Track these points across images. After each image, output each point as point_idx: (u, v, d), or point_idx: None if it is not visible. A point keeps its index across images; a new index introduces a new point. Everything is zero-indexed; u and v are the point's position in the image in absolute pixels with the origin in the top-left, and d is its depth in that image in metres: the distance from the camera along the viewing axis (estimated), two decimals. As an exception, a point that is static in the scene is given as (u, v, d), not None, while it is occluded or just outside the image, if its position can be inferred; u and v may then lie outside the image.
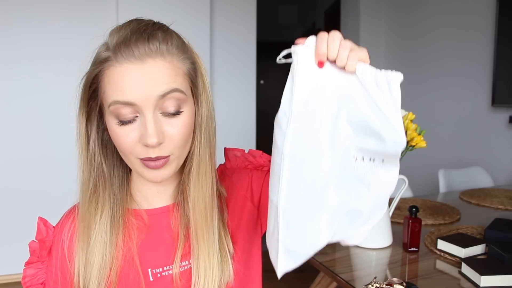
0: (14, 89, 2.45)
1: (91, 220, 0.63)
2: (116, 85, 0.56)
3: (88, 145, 0.63)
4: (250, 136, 3.01)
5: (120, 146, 0.59)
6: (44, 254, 0.68)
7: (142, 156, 0.58)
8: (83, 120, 0.62)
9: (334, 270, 1.07)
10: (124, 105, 0.56)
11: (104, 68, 0.57)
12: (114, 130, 0.58)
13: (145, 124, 0.56)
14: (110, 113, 0.58)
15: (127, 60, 0.55)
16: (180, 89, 0.58)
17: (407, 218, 1.17)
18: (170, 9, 2.60)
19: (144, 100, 0.55)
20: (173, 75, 0.57)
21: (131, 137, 0.57)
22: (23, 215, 2.48)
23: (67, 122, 2.69)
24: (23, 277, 0.68)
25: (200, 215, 0.64)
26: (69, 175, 2.79)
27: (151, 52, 0.56)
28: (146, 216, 0.67)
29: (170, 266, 0.65)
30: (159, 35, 0.58)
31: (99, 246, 0.62)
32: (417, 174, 2.76)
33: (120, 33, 0.57)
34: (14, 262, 2.49)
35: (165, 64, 0.57)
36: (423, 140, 1.15)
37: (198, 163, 0.63)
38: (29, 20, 2.44)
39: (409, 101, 3.15)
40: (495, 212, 1.56)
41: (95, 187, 0.64)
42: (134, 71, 0.55)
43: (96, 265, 0.62)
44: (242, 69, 2.98)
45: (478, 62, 2.46)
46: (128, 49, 0.55)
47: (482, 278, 0.94)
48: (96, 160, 0.64)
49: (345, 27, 3.83)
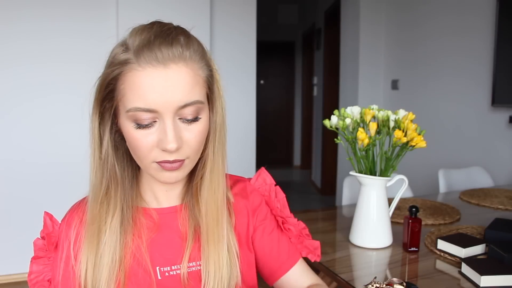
0: (14, 88, 2.45)
1: (102, 223, 0.63)
2: (137, 91, 0.56)
3: (101, 147, 0.63)
4: (250, 136, 3.01)
5: (136, 149, 0.59)
6: (51, 248, 0.68)
7: (159, 159, 0.59)
8: (96, 120, 0.62)
9: (334, 270, 1.07)
10: (145, 112, 0.56)
11: (125, 71, 0.57)
12: (131, 133, 0.58)
13: (164, 130, 0.57)
14: (128, 117, 0.58)
15: (150, 64, 0.55)
16: (200, 100, 0.59)
17: (407, 218, 1.17)
18: (170, 9, 2.60)
19: (165, 107, 0.56)
20: (194, 83, 0.58)
21: (148, 141, 0.58)
22: (23, 216, 2.48)
23: (67, 120, 2.69)
24: (29, 273, 0.68)
25: (212, 218, 0.65)
26: (69, 175, 2.80)
27: (174, 57, 0.56)
28: (156, 214, 0.68)
29: (178, 265, 0.66)
30: (182, 40, 0.58)
31: (109, 247, 0.62)
32: (417, 174, 2.76)
33: (143, 36, 0.57)
34: (14, 262, 2.49)
35: (187, 70, 0.57)
36: (423, 140, 1.15)
37: (212, 167, 0.65)
38: (29, 19, 2.44)
39: (409, 101, 3.15)
40: (495, 212, 1.56)
41: (107, 189, 0.64)
42: (156, 77, 0.55)
43: (106, 267, 0.62)
44: (242, 69, 2.98)
45: (478, 62, 2.46)
46: (151, 52, 0.55)
47: (482, 278, 0.94)
48: (109, 162, 0.64)
49: (345, 27, 3.83)
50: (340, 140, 1.22)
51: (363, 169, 1.19)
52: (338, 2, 4.02)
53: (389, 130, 1.16)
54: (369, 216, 1.19)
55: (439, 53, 2.81)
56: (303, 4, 6.20)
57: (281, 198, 0.78)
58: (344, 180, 1.80)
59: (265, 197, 0.78)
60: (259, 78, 5.97)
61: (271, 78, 6.57)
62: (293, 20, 6.31)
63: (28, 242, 2.66)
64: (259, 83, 6.18)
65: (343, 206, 1.71)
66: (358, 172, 1.19)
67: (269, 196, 0.78)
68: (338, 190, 3.98)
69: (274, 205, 0.77)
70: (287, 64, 6.60)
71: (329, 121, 1.21)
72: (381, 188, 1.18)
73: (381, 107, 1.22)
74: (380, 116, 1.17)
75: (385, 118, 1.16)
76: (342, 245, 1.24)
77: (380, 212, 1.18)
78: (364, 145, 1.15)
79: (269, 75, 6.53)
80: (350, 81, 3.70)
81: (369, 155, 1.17)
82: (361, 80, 3.51)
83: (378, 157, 1.18)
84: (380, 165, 1.18)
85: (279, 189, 0.79)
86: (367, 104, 2.12)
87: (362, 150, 1.17)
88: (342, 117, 1.19)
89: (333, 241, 1.28)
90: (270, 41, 6.26)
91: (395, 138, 1.13)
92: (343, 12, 3.86)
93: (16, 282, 2.49)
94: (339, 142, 1.22)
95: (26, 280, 0.69)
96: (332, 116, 1.21)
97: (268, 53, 6.26)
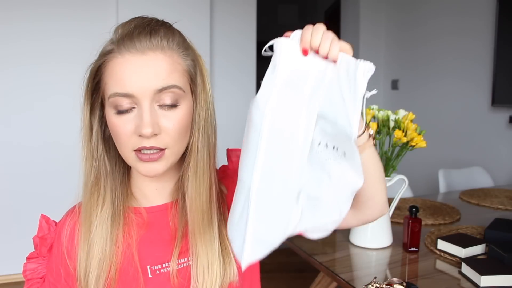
0: (13, 88, 2.45)
1: (92, 212, 0.64)
2: (116, 76, 0.58)
3: (91, 137, 0.64)
4: (250, 136, 3.01)
5: (117, 136, 0.60)
6: (44, 250, 0.69)
7: (136, 146, 0.59)
8: (87, 111, 0.64)
9: (334, 270, 1.07)
10: (123, 97, 0.57)
11: (107, 60, 0.59)
12: (112, 120, 0.60)
13: (141, 115, 0.57)
14: (109, 104, 0.59)
15: (128, 52, 0.57)
16: (178, 86, 0.59)
17: (407, 218, 1.17)
18: (170, 9, 2.60)
19: (142, 92, 0.57)
20: (172, 70, 0.59)
21: (127, 128, 0.59)
22: (23, 216, 2.48)
23: (67, 121, 2.69)
24: (23, 270, 0.70)
25: (197, 213, 0.64)
26: (69, 175, 2.79)
27: (152, 45, 0.58)
28: (145, 213, 0.68)
29: (168, 263, 0.66)
30: (162, 31, 0.60)
31: (99, 239, 0.63)
32: (417, 174, 2.76)
33: (125, 28, 0.60)
34: (14, 262, 2.49)
35: (165, 58, 0.58)
36: (423, 140, 1.15)
37: (196, 161, 0.64)
38: (29, 19, 2.44)
39: (409, 101, 3.15)
40: (495, 212, 1.56)
41: (97, 179, 0.65)
42: (134, 63, 0.57)
43: (96, 258, 0.63)
44: (242, 69, 2.98)
45: (478, 62, 2.46)
46: (130, 41, 0.57)
47: (482, 278, 0.94)
48: (98, 152, 0.65)
49: (345, 27, 3.83)
50: (340, 140, 1.22)
51: (363, 169, 1.19)
52: (338, 2, 4.02)
53: (389, 130, 1.16)
54: (369, 216, 1.19)
55: (439, 53, 2.81)
56: (303, 4, 6.20)
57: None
58: (344, 180, 1.80)
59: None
60: (259, 78, 5.96)
61: (271, 78, 6.56)
62: (293, 20, 6.31)
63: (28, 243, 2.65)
64: (259, 83, 6.17)
65: (343, 206, 1.71)
66: (358, 172, 1.19)
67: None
68: (338, 190, 3.98)
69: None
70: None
71: (329, 121, 1.21)
72: (381, 188, 1.18)
73: (381, 107, 1.22)
74: (380, 116, 1.17)
75: (385, 118, 1.16)
76: (342, 245, 1.24)
77: (380, 212, 1.18)
78: (364, 145, 1.15)
79: (269, 75, 6.52)
80: (350, 81, 3.69)
81: (369, 155, 1.17)
82: (361, 80, 3.51)
83: (378, 157, 1.18)
84: (380, 165, 1.18)
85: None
86: (367, 104, 2.11)
87: (362, 150, 1.16)
88: (342, 117, 1.19)
89: (333, 241, 1.28)
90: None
91: (395, 138, 1.13)
92: (343, 12, 3.86)
93: (16, 282, 2.49)
94: (339, 142, 1.22)
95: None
96: (332, 116, 1.21)
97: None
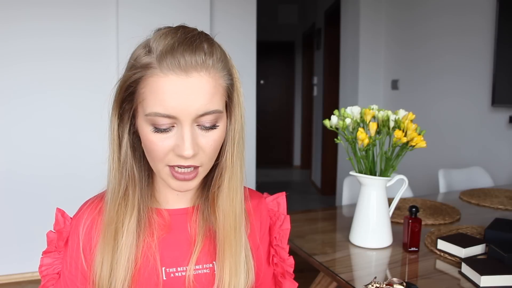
0: (13, 88, 2.45)
1: (119, 224, 0.64)
2: (158, 97, 0.56)
3: (120, 148, 0.64)
4: (250, 136, 3.01)
5: (152, 152, 0.60)
6: (61, 244, 0.69)
7: (172, 163, 0.59)
8: (116, 121, 0.63)
9: (334, 270, 1.07)
10: (164, 117, 0.56)
11: (147, 76, 0.57)
12: (148, 136, 0.59)
13: (182, 136, 0.57)
14: (146, 120, 0.58)
15: (172, 71, 0.55)
16: (219, 110, 0.59)
17: (407, 218, 1.17)
18: (170, 9, 2.60)
19: (184, 115, 0.56)
20: (214, 93, 0.58)
21: (165, 145, 0.58)
22: (23, 216, 2.48)
23: (65, 118, 2.68)
24: (40, 265, 0.70)
25: (230, 226, 0.65)
26: (69, 175, 2.79)
27: (196, 64, 0.56)
28: (167, 216, 0.68)
29: (184, 267, 0.66)
30: (205, 47, 0.58)
31: (126, 249, 0.63)
32: (417, 174, 2.76)
33: (167, 41, 0.57)
34: (14, 262, 2.49)
35: (209, 79, 0.57)
36: (423, 140, 1.15)
37: (230, 176, 0.65)
38: (29, 18, 2.44)
39: (409, 100, 3.15)
40: (495, 212, 1.56)
41: (125, 191, 0.64)
42: (178, 85, 0.55)
43: (123, 267, 0.63)
44: (242, 69, 2.95)
45: (478, 62, 2.46)
46: (174, 59, 0.55)
47: (482, 278, 0.94)
48: (128, 163, 0.64)
49: (345, 27, 3.83)
50: (340, 140, 1.22)
51: (363, 169, 1.19)
52: (338, 2, 4.02)
53: (389, 130, 1.16)
54: (369, 216, 1.19)
55: (439, 53, 2.81)
56: (303, 4, 6.20)
57: (285, 229, 0.78)
58: (344, 180, 1.80)
59: (271, 222, 0.78)
60: (259, 78, 5.97)
61: (271, 78, 6.57)
62: (293, 20, 6.31)
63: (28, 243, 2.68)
64: (259, 83, 6.18)
65: (343, 206, 1.71)
66: (358, 172, 1.19)
67: (275, 223, 0.78)
68: (338, 190, 3.98)
69: (274, 234, 0.78)
70: (287, 64, 6.59)
71: (329, 121, 1.21)
72: (381, 188, 1.18)
73: (381, 107, 1.22)
74: (380, 116, 1.17)
75: (385, 118, 1.16)
76: (342, 245, 1.24)
77: (380, 212, 1.18)
78: (364, 145, 1.15)
79: (269, 75, 6.52)
80: (350, 81, 3.70)
81: (369, 155, 1.17)
82: (361, 80, 3.51)
83: (378, 157, 1.18)
84: (380, 165, 1.18)
85: (288, 219, 0.78)
86: (367, 104, 2.12)
87: (362, 150, 1.17)
88: (342, 117, 1.19)
89: (333, 241, 1.28)
90: (270, 41, 6.25)
91: (395, 138, 1.13)
92: (343, 12, 3.86)
93: (16, 282, 2.49)
94: (339, 142, 1.22)
95: (26, 280, 0.70)
96: (332, 116, 1.21)
97: (268, 53, 6.26)
